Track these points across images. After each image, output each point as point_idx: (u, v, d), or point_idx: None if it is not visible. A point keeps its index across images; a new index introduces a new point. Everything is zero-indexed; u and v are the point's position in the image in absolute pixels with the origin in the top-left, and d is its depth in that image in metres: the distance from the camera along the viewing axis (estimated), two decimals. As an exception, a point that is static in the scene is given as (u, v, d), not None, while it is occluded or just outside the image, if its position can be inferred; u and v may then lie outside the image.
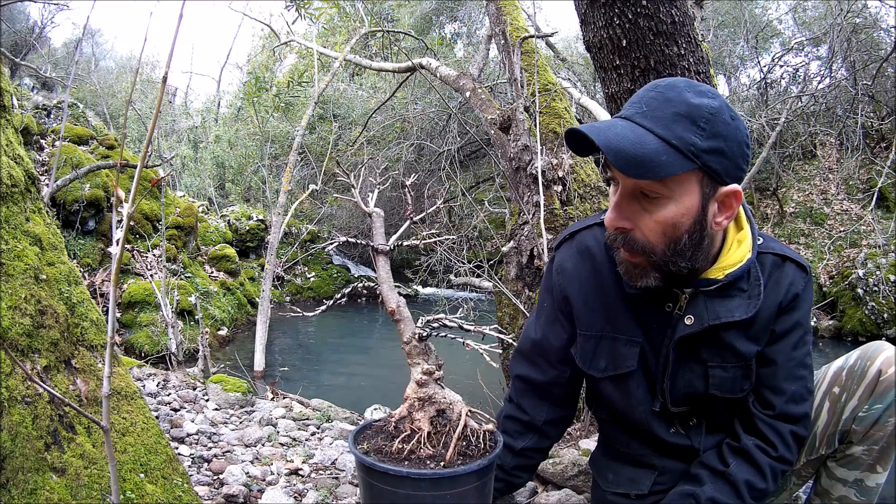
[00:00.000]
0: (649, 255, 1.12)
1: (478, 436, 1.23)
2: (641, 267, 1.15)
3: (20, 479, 1.00)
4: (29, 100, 8.17)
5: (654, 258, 1.12)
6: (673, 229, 1.09)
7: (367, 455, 1.18)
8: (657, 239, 1.11)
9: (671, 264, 1.13)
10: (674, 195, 1.07)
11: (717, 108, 1.06)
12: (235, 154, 13.58)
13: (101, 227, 6.35)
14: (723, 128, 1.05)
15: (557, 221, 2.82)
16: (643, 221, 1.11)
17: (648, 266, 1.14)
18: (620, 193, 1.12)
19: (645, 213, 1.10)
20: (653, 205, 1.09)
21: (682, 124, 1.04)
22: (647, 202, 1.09)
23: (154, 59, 19.30)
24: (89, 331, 1.34)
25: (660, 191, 1.07)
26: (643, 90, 1.12)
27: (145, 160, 0.97)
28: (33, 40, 13.60)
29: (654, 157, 1.02)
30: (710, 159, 1.05)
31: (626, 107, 1.12)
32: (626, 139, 1.03)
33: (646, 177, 1.04)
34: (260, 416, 2.70)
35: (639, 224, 1.11)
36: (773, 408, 1.23)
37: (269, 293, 6.19)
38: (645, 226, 1.11)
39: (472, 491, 1.14)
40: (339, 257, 12.05)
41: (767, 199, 10.40)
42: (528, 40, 3.50)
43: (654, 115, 1.06)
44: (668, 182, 1.06)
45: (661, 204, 1.08)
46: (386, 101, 7.85)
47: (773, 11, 12.46)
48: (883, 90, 9.77)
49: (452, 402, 1.22)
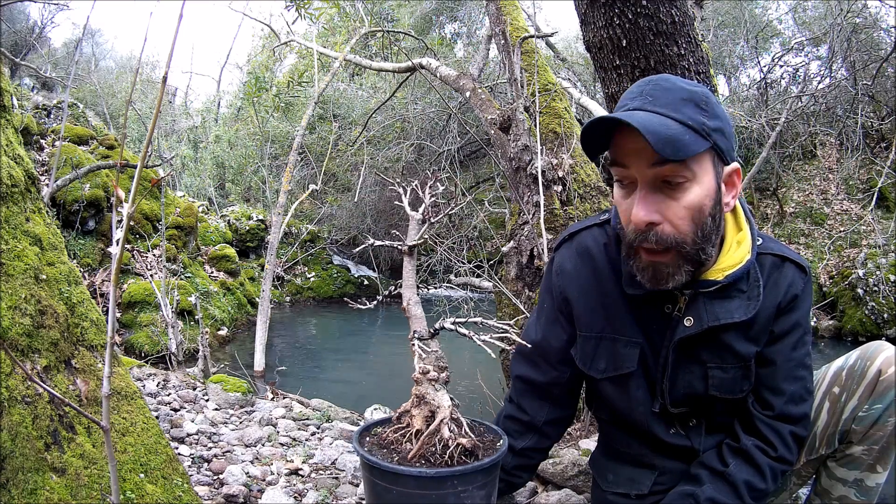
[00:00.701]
0: (680, 246, 1.10)
1: (480, 434, 1.23)
2: (671, 264, 1.12)
3: (20, 479, 1.00)
4: (29, 100, 8.16)
5: (685, 248, 1.11)
6: (699, 213, 1.10)
7: (370, 453, 1.18)
8: (687, 227, 1.10)
9: (701, 252, 1.12)
10: (696, 177, 1.09)
11: (708, 92, 1.13)
12: (235, 154, 13.58)
13: (101, 227, 6.35)
14: (718, 109, 1.11)
15: (557, 221, 2.82)
16: (672, 211, 1.09)
17: (680, 260, 1.12)
18: (643, 187, 1.10)
19: (672, 201, 1.09)
20: (678, 191, 1.09)
21: (690, 107, 1.08)
22: (671, 190, 1.09)
23: (154, 59, 19.31)
24: (89, 331, 1.34)
25: (684, 174, 1.07)
26: (637, 86, 1.14)
27: (145, 160, 0.98)
28: (33, 40, 13.60)
29: (680, 136, 1.04)
30: (718, 138, 1.09)
31: (628, 102, 1.12)
32: (653, 122, 1.04)
33: (678, 156, 1.04)
34: (260, 416, 2.70)
35: (667, 215, 1.10)
36: (773, 408, 1.23)
37: (269, 293, 6.19)
38: (674, 215, 1.09)
39: (474, 490, 1.14)
40: (339, 257, 12.06)
41: (767, 199, 10.41)
42: (528, 40, 3.50)
43: (662, 102, 1.08)
44: (691, 163, 1.07)
45: (686, 188, 1.09)
46: (386, 101, 7.85)
47: (773, 11, 12.47)
48: (883, 90, 9.77)
49: (439, 406, 1.22)
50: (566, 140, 3.20)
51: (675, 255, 1.11)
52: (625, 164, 1.11)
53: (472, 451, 1.17)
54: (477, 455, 1.17)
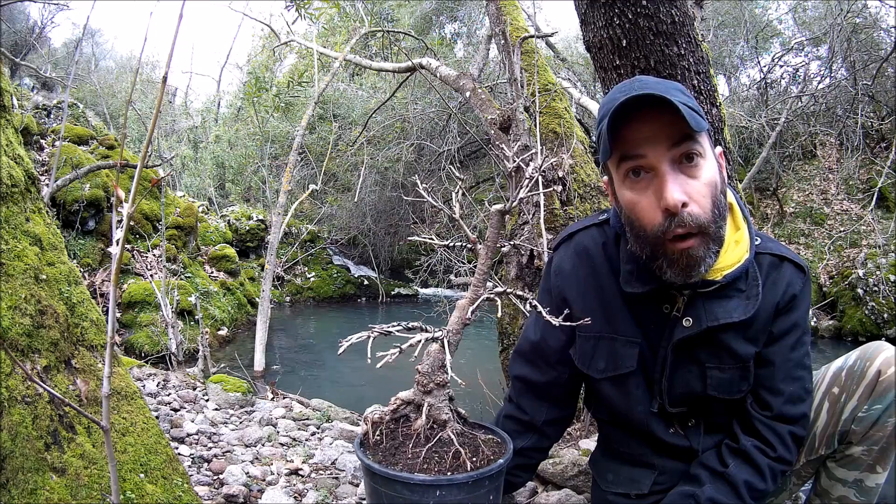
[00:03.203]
0: (706, 227, 1.11)
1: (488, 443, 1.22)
2: (702, 247, 1.11)
3: (20, 479, 1.00)
4: (29, 100, 8.16)
5: (711, 228, 1.11)
6: (715, 190, 1.13)
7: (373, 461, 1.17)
8: (708, 205, 1.11)
9: (720, 229, 1.14)
10: (706, 153, 1.12)
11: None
12: (235, 154, 13.58)
13: (101, 227, 6.34)
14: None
15: (557, 221, 2.82)
16: (696, 189, 1.10)
17: (708, 241, 1.12)
18: (668, 170, 1.09)
19: (694, 180, 1.11)
20: (696, 169, 1.11)
21: (683, 93, 1.13)
22: (690, 169, 1.10)
23: (154, 59, 19.31)
24: (89, 331, 1.34)
25: (700, 150, 1.11)
26: (628, 82, 1.14)
27: (145, 160, 0.98)
28: (33, 40, 13.59)
29: (694, 111, 1.08)
30: (707, 120, 1.15)
31: (628, 90, 1.09)
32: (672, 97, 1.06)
33: (701, 127, 1.06)
34: (260, 416, 2.70)
35: (692, 195, 1.10)
36: (771, 409, 1.23)
37: (269, 293, 6.19)
38: (698, 193, 1.11)
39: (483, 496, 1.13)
40: (339, 257, 12.06)
41: (767, 199, 10.40)
42: (528, 40, 3.49)
43: (662, 88, 1.10)
44: (702, 139, 1.11)
45: (702, 165, 1.11)
46: (386, 101, 7.84)
47: (773, 11, 12.45)
48: (883, 90, 9.77)
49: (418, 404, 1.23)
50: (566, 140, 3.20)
51: (701, 237, 1.11)
52: (641, 153, 1.10)
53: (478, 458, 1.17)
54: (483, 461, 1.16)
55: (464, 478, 1.10)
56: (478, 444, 1.22)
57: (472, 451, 1.18)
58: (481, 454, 1.19)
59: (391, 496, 1.11)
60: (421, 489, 1.09)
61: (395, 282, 11.04)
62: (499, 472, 1.16)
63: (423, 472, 1.13)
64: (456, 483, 1.10)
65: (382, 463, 1.16)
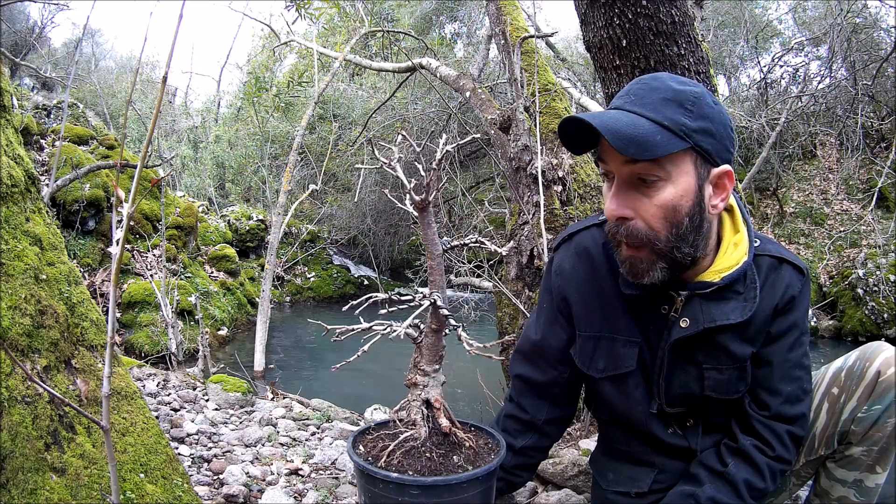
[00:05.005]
0: (653, 243, 1.12)
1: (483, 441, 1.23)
2: (647, 260, 1.14)
3: (20, 479, 1.00)
4: (29, 100, 8.16)
5: (658, 245, 1.12)
6: (674, 213, 1.10)
7: (368, 462, 1.17)
8: (660, 224, 1.11)
9: (676, 251, 1.12)
10: (671, 177, 1.09)
11: (700, 93, 1.11)
12: (235, 154, 13.58)
13: (101, 227, 6.34)
14: (708, 110, 1.09)
15: (557, 221, 2.82)
16: (644, 208, 1.11)
17: (654, 257, 1.13)
18: (618, 183, 1.12)
19: (645, 198, 1.10)
20: (652, 189, 1.10)
21: (671, 107, 1.08)
22: (645, 188, 1.10)
23: (154, 59, 19.30)
24: (89, 331, 1.34)
25: (657, 173, 1.08)
26: (629, 85, 1.15)
27: (145, 160, 0.98)
28: (33, 40, 13.60)
29: (650, 136, 1.05)
30: (701, 139, 1.08)
31: (614, 102, 1.15)
32: (619, 122, 1.06)
33: (644, 156, 1.05)
34: (260, 416, 2.70)
35: (640, 211, 1.11)
36: (769, 409, 1.23)
37: (269, 293, 6.19)
38: (646, 212, 1.11)
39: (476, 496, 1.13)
40: (339, 257, 12.06)
41: (767, 199, 10.41)
42: (528, 40, 3.49)
43: (643, 102, 1.09)
44: (665, 163, 1.08)
45: (659, 187, 1.09)
46: (386, 101, 7.84)
47: (773, 11, 12.46)
48: (883, 90, 9.77)
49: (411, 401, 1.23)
50: (566, 140, 3.20)
51: (649, 251, 1.13)
52: (605, 159, 1.14)
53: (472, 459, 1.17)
54: (475, 462, 1.16)
55: (456, 479, 1.10)
56: (471, 444, 1.22)
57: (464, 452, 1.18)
58: (474, 455, 1.19)
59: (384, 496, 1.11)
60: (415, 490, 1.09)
61: (395, 282, 11.03)
62: (491, 472, 1.16)
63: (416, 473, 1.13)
64: (450, 484, 1.10)
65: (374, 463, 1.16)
